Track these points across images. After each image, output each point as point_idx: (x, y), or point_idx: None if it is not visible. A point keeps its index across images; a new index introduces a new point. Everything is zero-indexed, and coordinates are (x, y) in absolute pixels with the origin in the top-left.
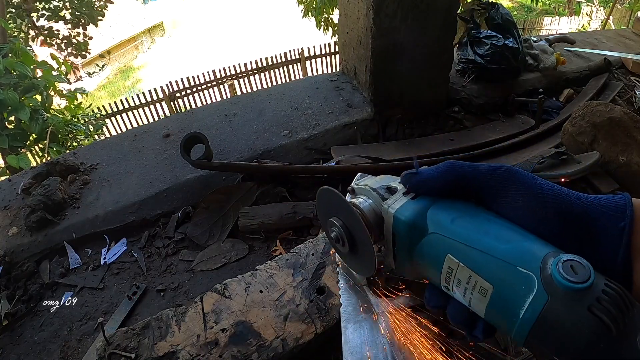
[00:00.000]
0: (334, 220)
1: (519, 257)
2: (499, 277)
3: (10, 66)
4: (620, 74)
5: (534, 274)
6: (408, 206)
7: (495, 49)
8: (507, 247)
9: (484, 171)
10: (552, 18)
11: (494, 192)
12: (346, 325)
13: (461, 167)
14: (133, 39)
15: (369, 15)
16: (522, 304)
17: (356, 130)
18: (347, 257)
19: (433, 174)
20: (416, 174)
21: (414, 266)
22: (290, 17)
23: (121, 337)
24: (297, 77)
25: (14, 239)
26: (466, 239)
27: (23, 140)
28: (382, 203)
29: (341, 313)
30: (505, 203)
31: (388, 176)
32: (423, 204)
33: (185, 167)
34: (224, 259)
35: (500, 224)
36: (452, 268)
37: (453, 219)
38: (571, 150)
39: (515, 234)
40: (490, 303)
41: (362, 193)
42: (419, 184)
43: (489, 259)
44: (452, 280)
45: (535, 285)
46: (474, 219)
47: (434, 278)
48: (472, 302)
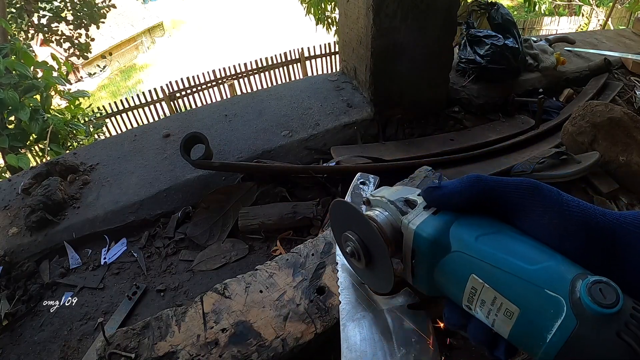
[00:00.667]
0: (349, 234)
1: (547, 279)
2: (526, 300)
3: (10, 66)
4: (620, 74)
5: (563, 297)
6: (430, 222)
7: (496, 49)
8: (535, 268)
9: (509, 185)
10: (552, 18)
11: (518, 207)
12: (345, 323)
13: (486, 181)
14: (133, 39)
15: (369, 15)
16: (550, 328)
17: (356, 130)
18: (362, 272)
19: (456, 189)
20: (438, 188)
21: (433, 283)
22: (290, 17)
23: (121, 337)
24: (297, 77)
25: (14, 239)
26: (492, 259)
27: (23, 140)
28: (400, 217)
29: (340, 311)
30: (530, 219)
31: (405, 187)
32: (445, 220)
33: (185, 167)
34: (224, 259)
35: (526, 243)
36: (476, 288)
37: (477, 237)
38: (571, 150)
39: (542, 254)
40: (515, 325)
41: (379, 205)
42: (442, 199)
43: (516, 280)
44: (476, 300)
45: (563, 309)
46: (499, 237)
47: (455, 297)
48: (495, 323)
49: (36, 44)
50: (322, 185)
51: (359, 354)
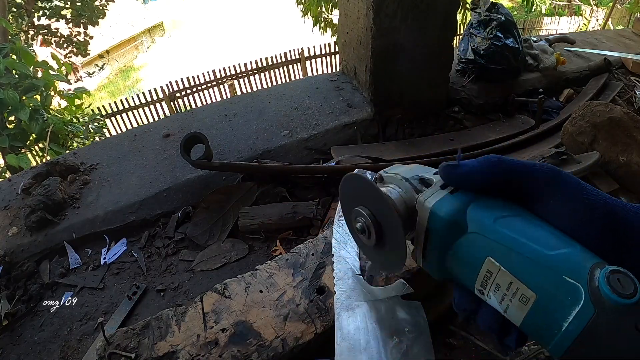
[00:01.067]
0: (360, 209)
1: (565, 266)
2: (543, 285)
3: (10, 66)
4: (620, 74)
5: (581, 285)
6: (447, 201)
7: (496, 49)
8: (554, 254)
9: (530, 169)
10: (552, 18)
11: (538, 192)
12: (339, 312)
13: (508, 162)
14: (133, 39)
15: (369, 15)
16: (567, 316)
17: (356, 130)
18: (371, 251)
19: (476, 168)
20: (457, 166)
21: (444, 265)
22: (290, 17)
23: (121, 337)
24: (297, 77)
25: (14, 239)
26: (510, 242)
27: (23, 140)
28: (415, 195)
29: (335, 301)
30: (549, 205)
31: (419, 166)
32: (463, 200)
33: (185, 167)
34: (224, 259)
35: (544, 228)
36: (492, 272)
37: (496, 219)
38: (571, 150)
39: (561, 241)
40: (530, 312)
41: (392, 182)
42: (460, 178)
43: (534, 265)
44: (490, 284)
45: (582, 297)
46: (518, 221)
47: (467, 280)
48: (509, 309)
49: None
50: (322, 185)
51: (353, 342)
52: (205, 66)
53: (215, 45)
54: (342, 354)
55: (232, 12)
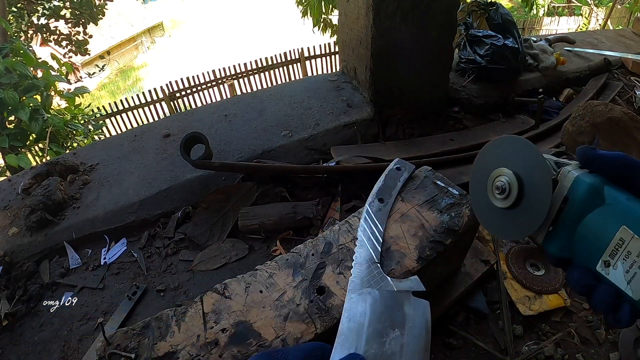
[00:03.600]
0: (504, 169)
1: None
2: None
3: (10, 66)
4: (620, 74)
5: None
6: (589, 175)
7: (495, 49)
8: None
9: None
10: (551, 18)
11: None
12: (350, 295)
13: (634, 160)
14: (133, 39)
15: (369, 15)
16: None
17: (356, 130)
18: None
19: (610, 155)
20: (594, 149)
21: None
22: (290, 17)
23: (121, 337)
24: (297, 77)
25: (13, 239)
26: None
27: (23, 140)
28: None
29: (349, 282)
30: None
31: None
32: (601, 178)
33: (185, 167)
34: (224, 259)
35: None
36: (625, 239)
37: (628, 198)
38: (571, 150)
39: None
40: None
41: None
42: (597, 158)
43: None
44: (620, 253)
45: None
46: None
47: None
48: (635, 278)
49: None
50: (322, 185)
51: (356, 325)
52: (205, 66)
53: (215, 45)
54: (343, 334)
55: (232, 12)
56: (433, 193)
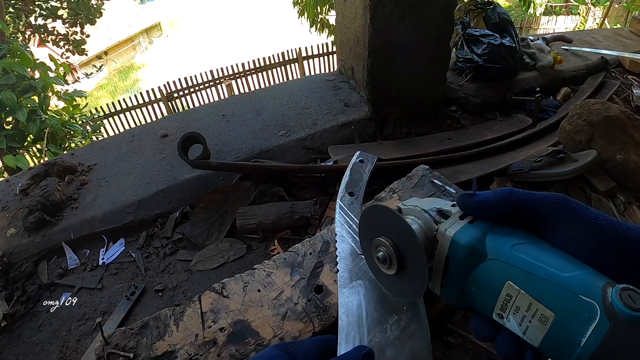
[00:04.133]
0: (382, 239)
1: (580, 285)
2: (561, 305)
3: (8, 67)
4: (618, 73)
5: (596, 302)
6: (467, 230)
7: (493, 48)
8: (568, 275)
9: (542, 199)
10: (549, 17)
11: (549, 221)
12: (342, 289)
13: (519, 193)
14: (130, 40)
15: (366, 15)
16: (584, 332)
17: (354, 129)
18: (389, 280)
19: (491, 198)
20: (473, 195)
21: (463, 293)
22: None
23: (119, 337)
24: (295, 76)
25: (12, 240)
26: (528, 266)
27: (21, 141)
28: (434, 226)
29: (338, 278)
30: (560, 232)
31: (436, 199)
32: (482, 228)
33: (183, 167)
34: (222, 258)
35: (557, 253)
36: (512, 295)
37: (513, 246)
38: (568, 148)
39: (573, 264)
40: (550, 331)
41: (411, 213)
42: (476, 206)
43: (552, 286)
44: (510, 307)
45: (597, 313)
46: (533, 247)
47: (486, 305)
48: (528, 330)
49: (33, 44)
50: (319, 185)
51: (355, 318)
52: (203, 66)
53: (213, 45)
54: (345, 329)
55: (229, 12)
56: (430, 192)
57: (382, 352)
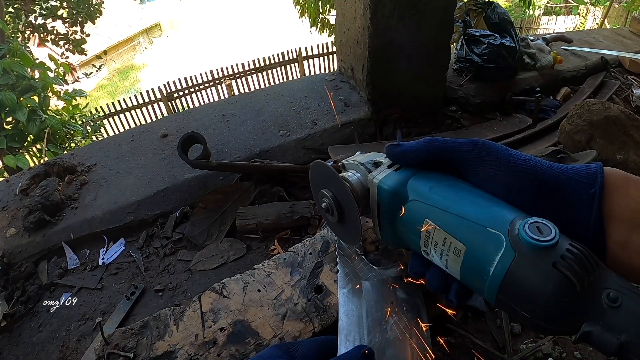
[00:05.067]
0: (324, 191)
1: (489, 219)
2: (470, 237)
3: (8, 67)
4: (617, 73)
5: (502, 233)
6: (391, 177)
7: (493, 48)
8: (479, 210)
9: (460, 145)
10: (549, 17)
11: (470, 164)
12: (342, 290)
13: (439, 141)
14: (130, 40)
15: (366, 15)
16: (492, 261)
17: (354, 129)
18: (335, 227)
19: (413, 147)
20: (398, 146)
21: (396, 235)
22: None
23: (119, 337)
24: (295, 76)
25: (11, 240)
26: (442, 205)
27: (21, 141)
28: (368, 175)
29: (338, 279)
30: (481, 174)
31: (376, 153)
32: (405, 174)
33: (182, 167)
34: (222, 258)
35: (474, 193)
36: (430, 232)
37: (431, 188)
38: (568, 148)
39: (488, 201)
40: (463, 263)
41: (351, 168)
42: (400, 155)
43: (462, 221)
44: (430, 243)
45: (503, 244)
46: (451, 188)
47: (414, 244)
48: (448, 263)
49: (33, 44)
50: None
51: (355, 318)
52: (203, 66)
53: (213, 46)
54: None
55: (229, 12)
56: None
57: (382, 352)
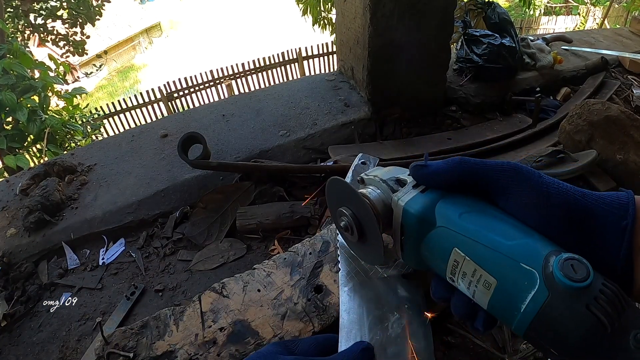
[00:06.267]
0: (343, 209)
1: (522, 254)
2: (503, 272)
3: (8, 67)
4: (618, 73)
5: (536, 270)
6: (417, 199)
7: (492, 48)
8: (512, 243)
9: (492, 168)
10: (549, 17)
11: (500, 188)
12: (343, 288)
13: (469, 163)
14: (131, 40)
15: (366, 15)
16: (524, 299)
17: (354, 129)
18: (355, 246)
19: (442, 168)
20: (425, 167)
21: (420, 258)
22: (287, 16)
23: (119, 337)
24: (295, 76)
25: (12, 240)
26: (473, 234)
27: (21, 141)
28: (391, 195)
29: (339, 277)
30: (511, 200)
31: (397, 167)
32: (432, 197)
33: (182, 167)
34: (222, 258)
35: (505, 221)
36: (458, 261)
37: (461, 214)
38: (568, 148)
39: (520, 232)
40: (493, 296)
41: (372, 184)
42: (428, 177)
43: (494, 254)
44: (458, 272)
45: (537, 281)
46: (481, 215)
47: (440, 270)
48: (475, 294)
49: (33, 44)
50: (319, 185)
51: (356, 316)
52: (203, 66)
53: (213, 45)
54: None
55: (229, 12)
56: None
57: (384, 350)
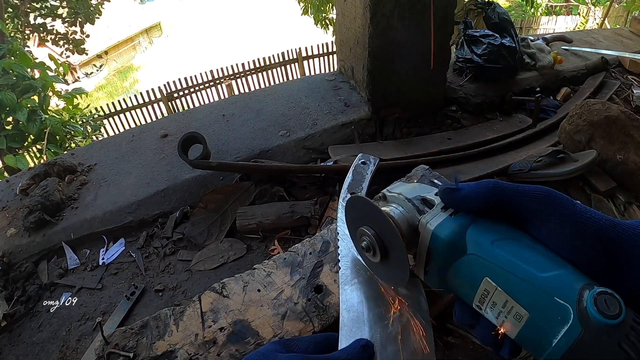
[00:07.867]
0: (365, 229)
1: (556, 287)
2: (536, 305)
3: (8, 67)
4: (618, 73)
5: (570, 305)
6: (447, 224)
7: (492, 48)
8: (546, 276)
9: (525, 193)
10: (549, 17)
11: (533, 215)
12: (343, 286)
13: (503, 188)
14: (130, 39)
15: (366, 15)
16: (557, 334)
17: (354, 129)
18: (376, 267)
19: (474, 192)
20: (457, 190)
21: (445, 281)
22: (288, 16)
23: (119, 337)
24: (295, 76)
25: (12, 240)
26: (506, 264)
27: (21, 141)
28: (417, 215)
29: (340, 275)
30: (544, 227)
31: (422, 185)
32: (463, 222)
33: (183, 167)
34: (222, 258)
35: (538, 250)
36: (489, 291)
37: (493, 241)
38: (568, 148)
39: (553, 263)
40: (524, 328)
41: (395, 201)
42: (460, 201)
43: (528, 286)
44: (487, 302)
45: (570, 316)
46: (514, 243)
47: (466, 296)
48: (505, 324)
49: (33, 44)
50: (319, 185)
51: (357, 314)
52: (203, 66)
53: (213, 45)
54: (346, 325)
55: (229, 12)
56: None
57: (384, 348)
